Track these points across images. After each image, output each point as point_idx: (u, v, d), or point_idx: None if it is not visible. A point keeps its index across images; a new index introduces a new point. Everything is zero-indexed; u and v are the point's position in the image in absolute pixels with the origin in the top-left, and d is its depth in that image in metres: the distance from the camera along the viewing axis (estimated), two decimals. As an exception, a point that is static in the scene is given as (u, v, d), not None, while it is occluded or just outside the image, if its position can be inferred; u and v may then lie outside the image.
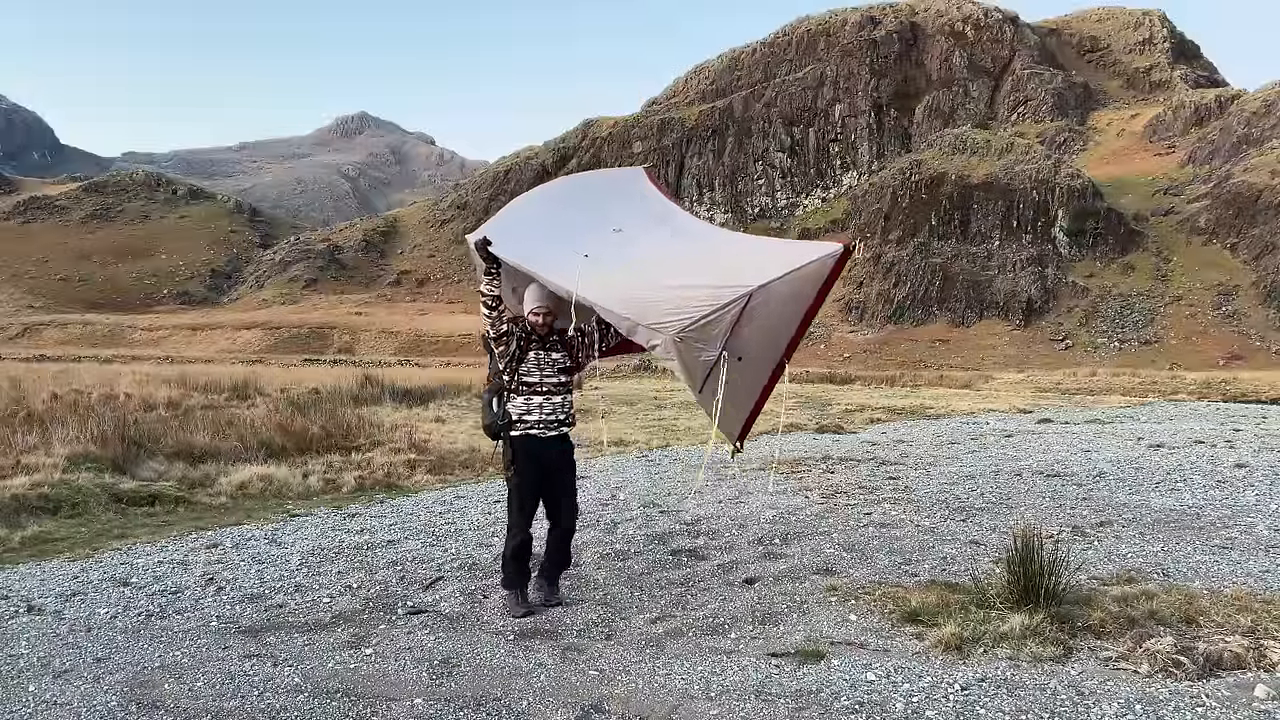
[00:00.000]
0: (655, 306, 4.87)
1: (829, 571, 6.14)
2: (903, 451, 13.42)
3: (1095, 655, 4.41)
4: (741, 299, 4.80)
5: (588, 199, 6.50)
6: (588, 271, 5.04)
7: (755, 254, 5.97)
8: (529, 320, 5.21)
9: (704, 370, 5.07)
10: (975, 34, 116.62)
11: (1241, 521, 7.78)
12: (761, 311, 5.02)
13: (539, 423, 5.20)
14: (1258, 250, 76.60)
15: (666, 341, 4.82)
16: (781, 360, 5.67)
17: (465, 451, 12.53)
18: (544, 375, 5.20)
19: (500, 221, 5.82)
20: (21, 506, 7.94)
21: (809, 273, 5.14)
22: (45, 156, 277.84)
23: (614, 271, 5.21)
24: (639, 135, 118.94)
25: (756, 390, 5.77)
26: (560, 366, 5.26)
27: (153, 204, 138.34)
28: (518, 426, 5.19)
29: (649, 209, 6.42)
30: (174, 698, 4.04)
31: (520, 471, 5.21)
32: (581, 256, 5.17)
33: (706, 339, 4.84)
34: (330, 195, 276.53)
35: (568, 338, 5.33)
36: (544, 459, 5.24)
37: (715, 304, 4.77)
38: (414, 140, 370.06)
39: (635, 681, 4.21)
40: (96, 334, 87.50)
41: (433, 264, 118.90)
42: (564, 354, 5.29)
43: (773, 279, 4.93)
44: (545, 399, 5.19)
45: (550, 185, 7.24)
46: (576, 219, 5.99)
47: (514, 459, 5.21)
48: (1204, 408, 25.60)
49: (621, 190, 6.68)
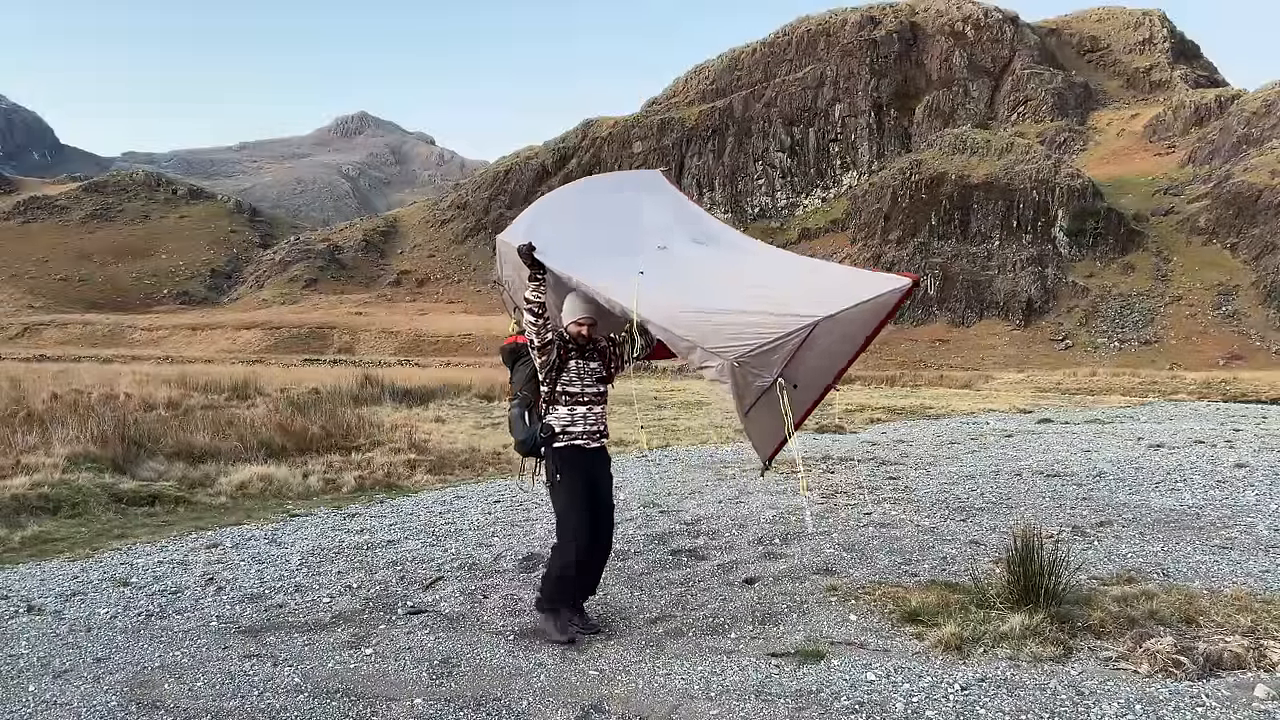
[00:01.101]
0: (718, 331, 4.74)
1: (829, 571, 6.14)
2: (903, 451, 13.42)
3: (1095, 655, 4.41)
4: (806, 328, 4.69)
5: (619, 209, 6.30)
6: (645, 289, 4.88)
7: (819, 279, 5.85)
8: (570, 330, 5.03)
9: (755, 395, 4.95)
10: (975, 34, 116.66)
11: (1241, 521, 7.78)
12: (824, 341, 4.93)
13: (584, 433, 4.99)
14: (1258, 250, 76.62)
15: (724, 365, 4.69)
16: (829, 385, 5.62)
17: (465, 451, 12.54)
18: (585, 385, 5.02)
19: (533, 226, 5.59)
20: (21, 506, 7.94)
21: (876, 306, 5.05)
22: (45, 156, 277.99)
23: (671, 290, 5.07)
24: (639, 135, 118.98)
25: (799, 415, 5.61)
26: (598, 376, 5.08)
27: (153, 204, 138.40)
28: (561, 438, 4.95)
29: (681, 216, 6.31)
30: (174, 698, 4.04)
31: (568, 481, 4.94)
32: (637, 273, 5.00)
33: (765, 365, 4.74)
34: (330, 195, 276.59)
35: (602, 347, 5.16)
36: (591, 470, 5.01)
37: (780, 332, 4.67)
38: (414, 140, 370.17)
39: (635, 681, 4.21)
40: (96, 334, 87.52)
41: (433, 264, 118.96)
42: (600, 363, 5.12)
43: (840, 310, 4.82)
44: (588, 409, 5.01)
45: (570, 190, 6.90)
46: (616, 230, 5.85)
47: (559, 472, 4.95)
48: (1204, 408, 25.61)
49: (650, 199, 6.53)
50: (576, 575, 4.93)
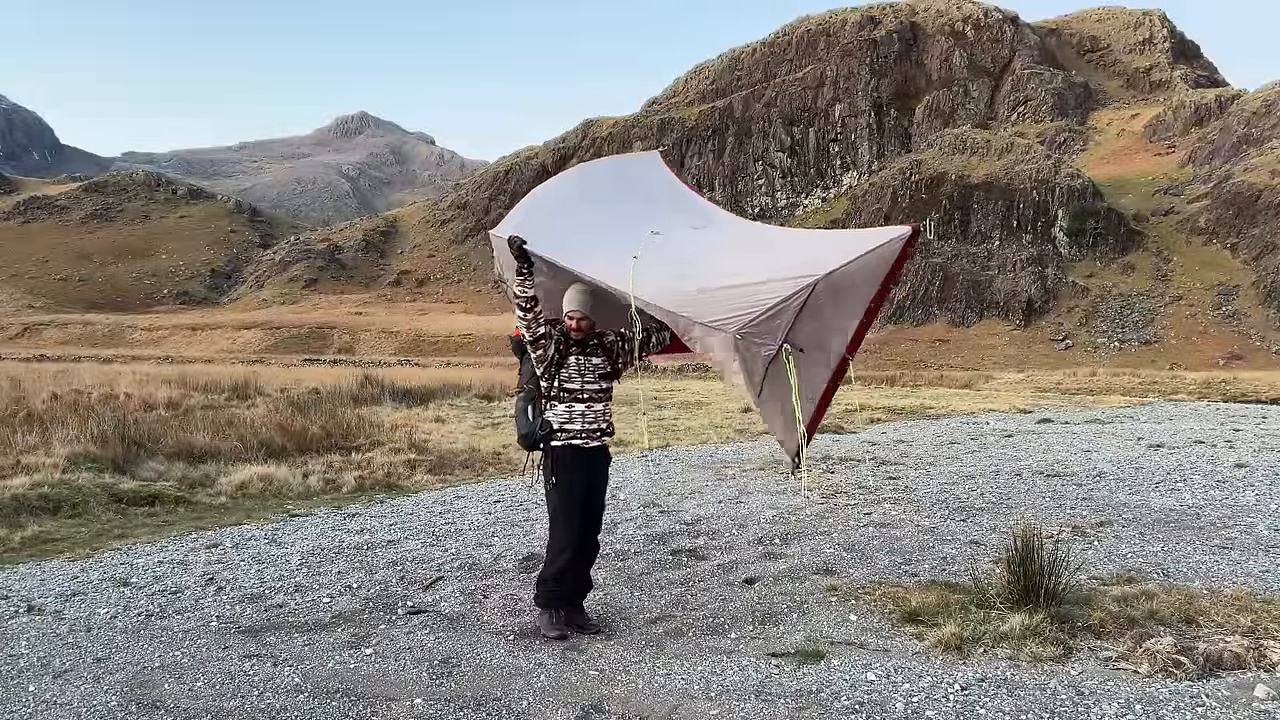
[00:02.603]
0: (717, 304, 4.61)
1: (829, 571, 6.14)
2: (903, 451, 13.42)
3: (1095, 655, 4.41)
4: (807, 288, 4.57)
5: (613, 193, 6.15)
6: (641, 271, 4.80)
7: (815, 245, 5.68)
8: (566, 323, 4.95)
9: (764, 366, 4.77)
10: (975, 34, 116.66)
11: (1241, 521, 7.78)
12: (826, 300, 4.79)
13: (581, 432, 4.90)
14: (1258, 250, 76.60)
15: (727, 339, 4.56)
16: (844, 356, 5.32)
17: (465, 451, 12.53)
18: (585, 381, 4.92)
19: (527, 217, 5.50)
20: (21, 506, 7.94)
21: (877, 257, 4.88)
22: (45, 156, 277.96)
23: (666, 271, 4.95)
24: (639, 135, 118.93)
25: (818, 391, 5.41)
26: (601, 372, 4.99)
27: (153, 204, 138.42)
28: (559, 436, 4.88)
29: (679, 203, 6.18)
30: (174, 698, 4.04)
31: (563, 484, 4.88)
32: (632, 258, 4.91)
33: (768, 332, 4.60)
34: (330, 195, 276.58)
35: (608, 342, 5.05)
36: (588, 470, 4.93)
37: (779, 296, 4.53)
38: (414, 140, 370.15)
39: (635, 681, 4.21)
40: (96, 334, 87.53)
41: (433, 264, 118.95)
42: (604, 359, 5.02)
43: (839, 266, 4.70)
44: (587, 406, 4.91)
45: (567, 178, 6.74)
46: (610, 215, 5.71)
47: (555, 471, 4.90)
48: (1204, 408, 25.60)
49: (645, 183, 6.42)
50: (568, 576, 4.93)
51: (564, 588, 4.94)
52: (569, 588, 4.97)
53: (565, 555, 4.88)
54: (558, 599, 4.94)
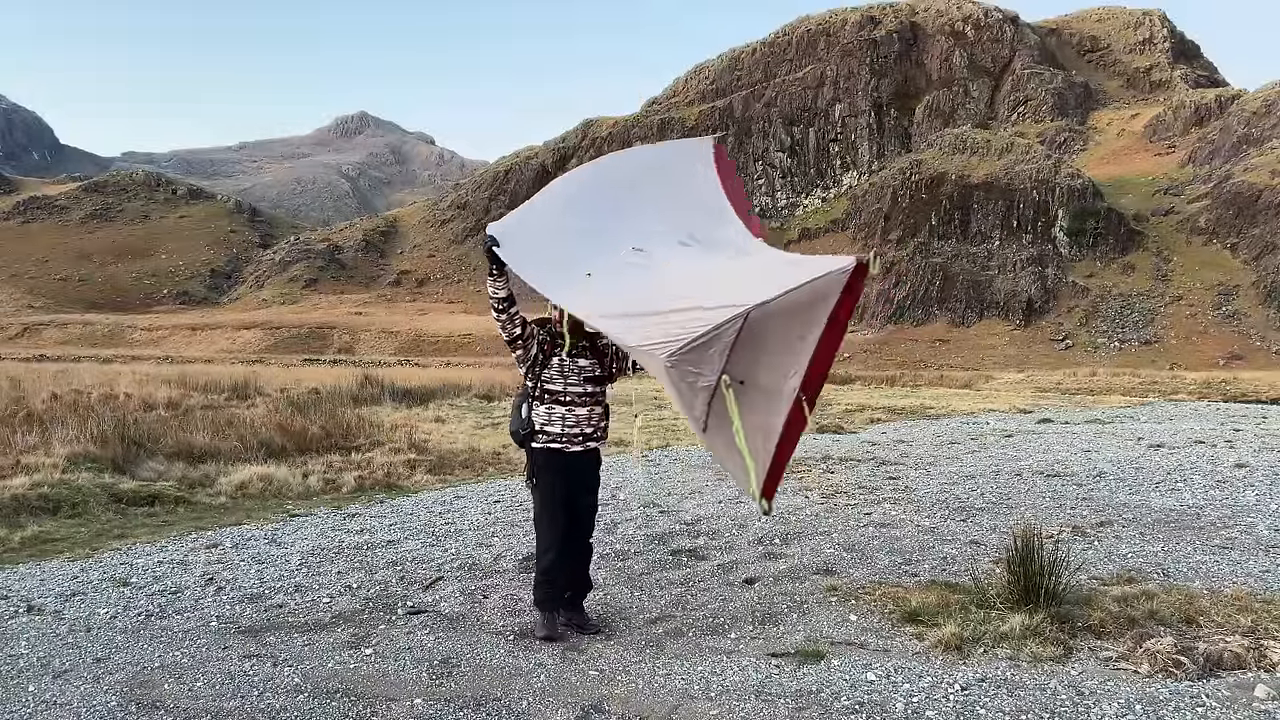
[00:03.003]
0: (650, 331, 4.34)
1: (829, 571, 6.14)
2: (903, 451, 13.42)
3: (1095, 655, 4.41)
4: (739, 317, 4.34)
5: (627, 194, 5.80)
6: (586, 289, 4.67)
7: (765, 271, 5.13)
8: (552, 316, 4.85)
9: (705, 400, 4.55)
10: (975, 34, 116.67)
11: (1241, 521, 7.78)
12: (766, 331, 4.58)
13: (561, 435, 4.80)
14: (1258, 250, 76.62)
15: (658, 367, 4.35)
16: (798, 397, 4.82)
17: (465, 451, 12.53)
18: (568, 384, 4.81)
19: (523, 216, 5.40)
20: (21, 506, 7.94)
21: (812, 290, 4.45)
22: (45, 156, 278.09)
23: (611, 292, 4.72)
24: (639, 135, 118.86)
25: (774, 432, 4.92)
26: (588, 375, 4.85)
27: (152, 204, 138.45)
28: (539, 438, 4.82)
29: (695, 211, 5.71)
30: (174, 698, 4.04)
31: (543, 486, 4.84)
32: (584, 275, 4.77)
33: (701, 361, 4.37)
34: (330, 195, 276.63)
35: (600, 344, 4.91)
36: (568, 475, 4.83)
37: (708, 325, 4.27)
38: (414, 140, 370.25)
39: (635, 681, 4.21)
40: (96, 334, 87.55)
41: (433, 264, 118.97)
42: (594, 361, 4.89)
43: (774, 296, 4.36)
44: (568, 410, 4.80)
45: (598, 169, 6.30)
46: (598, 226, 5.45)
47: (534, 475, 4.87)
48: (1204, 408, 25.60)
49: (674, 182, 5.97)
50: (556, 575, 4.90)
51: (555, 587, 4.91)
52: (560, 587, 4.95)
53: (550, 555, 4.86)
54: (552, 600, 4.92)
